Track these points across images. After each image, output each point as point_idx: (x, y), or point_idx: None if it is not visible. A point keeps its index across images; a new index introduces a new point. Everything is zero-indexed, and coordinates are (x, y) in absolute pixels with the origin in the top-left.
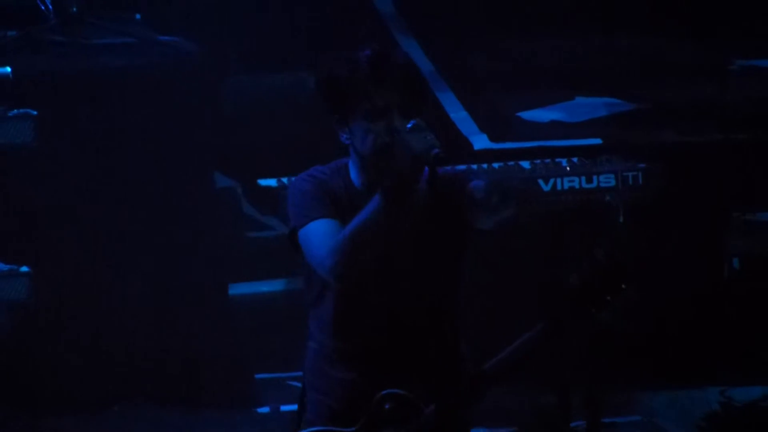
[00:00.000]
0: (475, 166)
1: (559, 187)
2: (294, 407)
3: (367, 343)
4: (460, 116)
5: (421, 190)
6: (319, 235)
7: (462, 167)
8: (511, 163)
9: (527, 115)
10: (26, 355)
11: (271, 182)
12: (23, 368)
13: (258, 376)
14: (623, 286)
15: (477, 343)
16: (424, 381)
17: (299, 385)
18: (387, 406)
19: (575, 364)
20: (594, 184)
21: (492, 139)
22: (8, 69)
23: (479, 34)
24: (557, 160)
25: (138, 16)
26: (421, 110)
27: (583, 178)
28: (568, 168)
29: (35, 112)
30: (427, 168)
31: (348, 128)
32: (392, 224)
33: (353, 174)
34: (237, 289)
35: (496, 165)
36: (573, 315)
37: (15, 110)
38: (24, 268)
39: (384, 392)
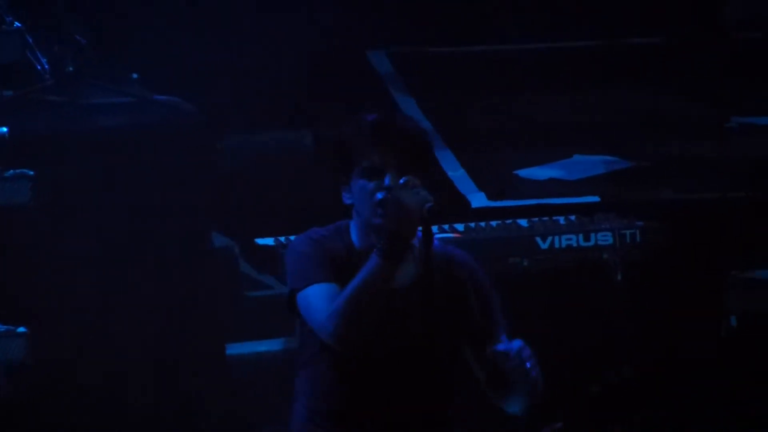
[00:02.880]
0: (473, 225)
1: (557, 245)
2: None
3: (357, 407)
4: (457, 174)
5: (417, 249)
6: (319, 298)
7: (460, 227)
8: (509, 221)
9: (525, 173)
10: (25, 416)
11: (269, 241)
12: (22, 429)
13: None
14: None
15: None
16: None
17: None
18: None
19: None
20: (591, 242)
21: (490, 197)
22: (5, 129)
23: (477, 93)
24: (555, 218)
25: (135, 75)
26: (423, 172)
27: (581, 236)
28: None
29: (32, 173)
30: (421, 228)
31: (349, 188)
32: (389, 284)
33: (354, 236)
34: (235, 349)
35: (493, 223)
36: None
37: (12, 170)
38: (21, 329)
39: None
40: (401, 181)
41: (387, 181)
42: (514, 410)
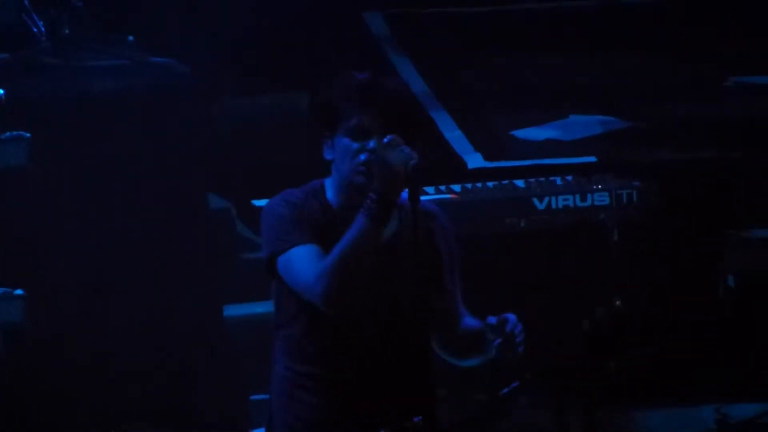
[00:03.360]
0: (469, 186)
1: (553, 206)
2: None
3: (336, 369)
4: (454, 135)
5: (403, 208)
6: (302, 260)
7: (456, 187)
8: (506, 182)
9: (522, 133)
10: (21, 379)
11: (265, 202)
12: (18, 392)
13: (253, 397)
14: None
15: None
16: (393, 408)
17: None
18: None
19: (571, 384)
20: (588, 203)
21: (486, 158)
22: (1, 91)
23: (473, 53)
24: (552, 178)
25: (131, 38)
26: (411, 135)
27: (578, 197)
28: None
29: (29, 135)
30: (407, 186)
31: (332, 144)
32: (376, 244)
33: (330, 194)
34: (231, 311)
35: (490, 184)
36: (581, 361)
37: (8, 133)
38: (18, 291)
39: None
40: (385, 140)
41: (372, 144)
42: (466, 365)
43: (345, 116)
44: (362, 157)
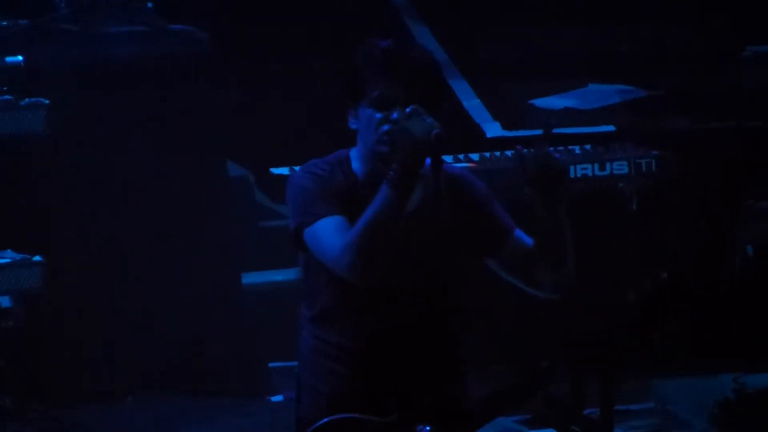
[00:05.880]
0: (487, 154)
1: (572, 175)
2: None
3: (365, 341)
4: (472, 104)
5: (426, 177)
6: (329, 232)
7: (475, 156)
8: (525, 150)
9: (540, 102)
10: (39, 345)
11: (284, 171)
12: (36, 358)
13: (271, 364)
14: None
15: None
16: (422, 380)
17: None
18: (425, 401)
19: (589, 351)
20: (607, 172)
21: (505, 126)
22: (20, 58)
23: (492, 22)
24: (570, 147)
25: (150, 4)
26: (434, 105)
27: (596, 166)
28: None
29: (47, 101)
30: (430, 155)
31: (356, 113)
32: (401, 214)
33: (355, 164)
34: (250, 279)
35: (508, 153)
36: (626, 336)
37: (27, 99)
38: (37, 258)
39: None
40: (407, 110)
41: (395, 114)
42: (546, 290)
43: (368, 86)
44: (385, 127)
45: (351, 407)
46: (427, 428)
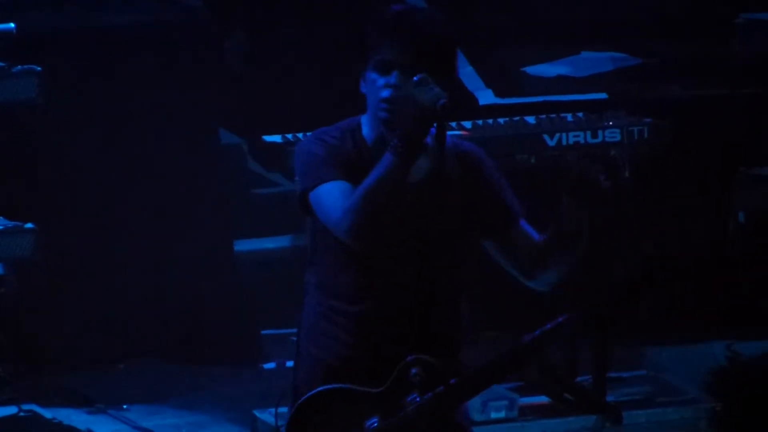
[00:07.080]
0: (480, 122)
1: (564, 142)
2: None
3: (369, 304)
4: (465, 72)
5: (429, 144)
6: (332, 196)
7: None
8: (517, 118)
9: (533, 70)
10: (31, 312)
11: (276, 138)
12: (29, 325)
13: (264, 332)
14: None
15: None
16: (423, 348)
17: None
18: (413, 371)
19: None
20: (599, 139)
21: (497, 94)
22: (12, 25)
23: None
24: (562, 115)
25: None
26: (442, 73)
27: (589, 133)
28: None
29: (39, 68)
30: (435, 124)
31: (365, 77)
32: (404, 181)
33: (365, 129)
34: (242, 246)
35: (501, 120)
36: (613, 308)
37: (19, 66)
38: (29, 225)
39: (411, 357)
40: (415, 78)
41: (393, 79)
42: (542, 285)
43: (373, 50)
44: (385, 93)
45: (349, 377)
46: (417, 398)
